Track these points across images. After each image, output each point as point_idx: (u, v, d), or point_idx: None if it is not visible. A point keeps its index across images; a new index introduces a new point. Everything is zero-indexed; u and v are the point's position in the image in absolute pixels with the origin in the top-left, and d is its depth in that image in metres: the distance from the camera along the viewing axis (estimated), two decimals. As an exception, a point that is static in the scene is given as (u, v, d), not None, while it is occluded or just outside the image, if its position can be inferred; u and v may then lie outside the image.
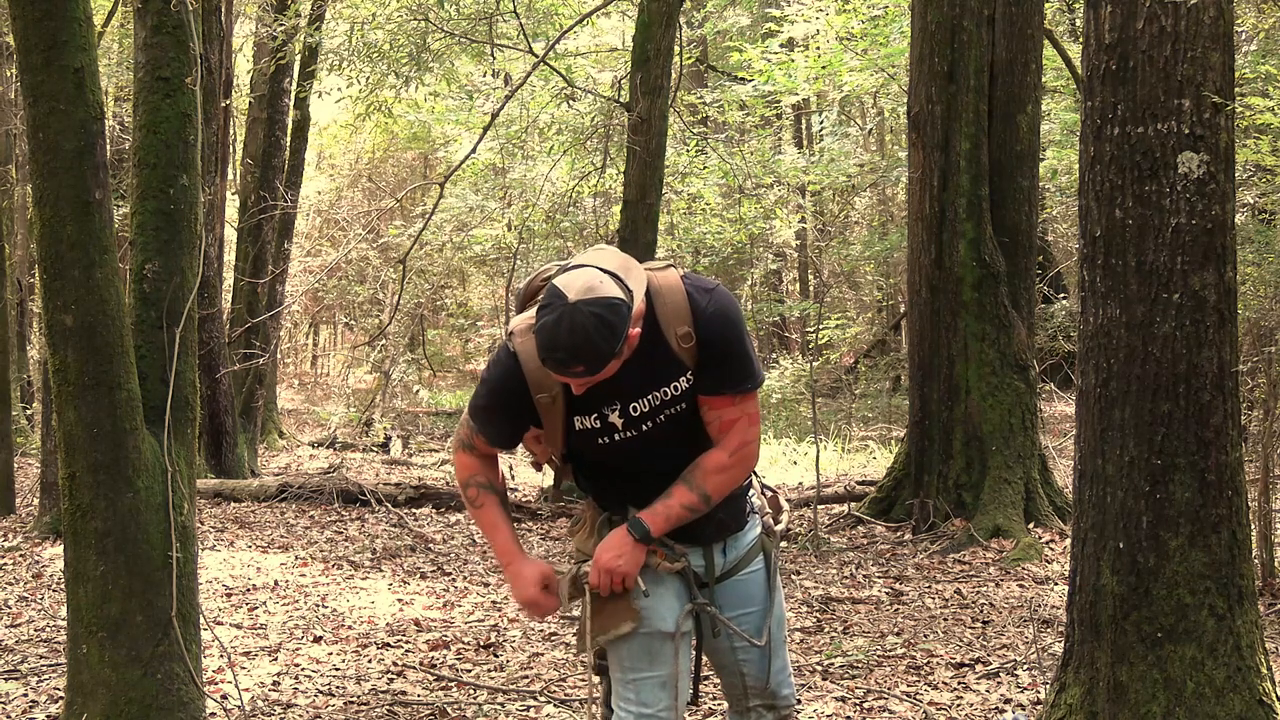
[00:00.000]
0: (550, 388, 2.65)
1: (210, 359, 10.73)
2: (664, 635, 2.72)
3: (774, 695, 2.86)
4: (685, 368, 2.65)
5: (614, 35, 17.23)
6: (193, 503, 4.07)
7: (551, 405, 2.67)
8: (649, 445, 2.70)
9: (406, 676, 5.29)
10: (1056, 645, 5.15)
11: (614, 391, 2.64)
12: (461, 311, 23.60)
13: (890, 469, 9.27)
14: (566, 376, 2.53)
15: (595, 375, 2.52)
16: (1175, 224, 3.63)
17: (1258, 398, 6.92)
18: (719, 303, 2.65)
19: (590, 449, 2.73)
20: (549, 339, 2.47)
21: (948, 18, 8.48)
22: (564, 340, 2.45)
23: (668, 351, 2.63)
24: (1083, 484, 3.82)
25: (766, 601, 2.83)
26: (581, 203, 14.88)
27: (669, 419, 2.69)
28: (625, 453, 2.72)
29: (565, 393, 2.65)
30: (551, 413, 2.68)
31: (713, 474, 2.69)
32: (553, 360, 2.49)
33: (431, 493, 10.30)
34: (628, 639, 2.71)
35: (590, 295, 2.47)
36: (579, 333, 2.44)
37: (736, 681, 2.86)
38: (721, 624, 2.77)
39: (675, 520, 2.69)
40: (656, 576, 2.74)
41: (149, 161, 4.06)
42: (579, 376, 2.52)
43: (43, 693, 4.98)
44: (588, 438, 2.71)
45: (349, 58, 11.35)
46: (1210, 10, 3.66)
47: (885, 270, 19.93)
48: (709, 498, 2.69)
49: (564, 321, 2.45)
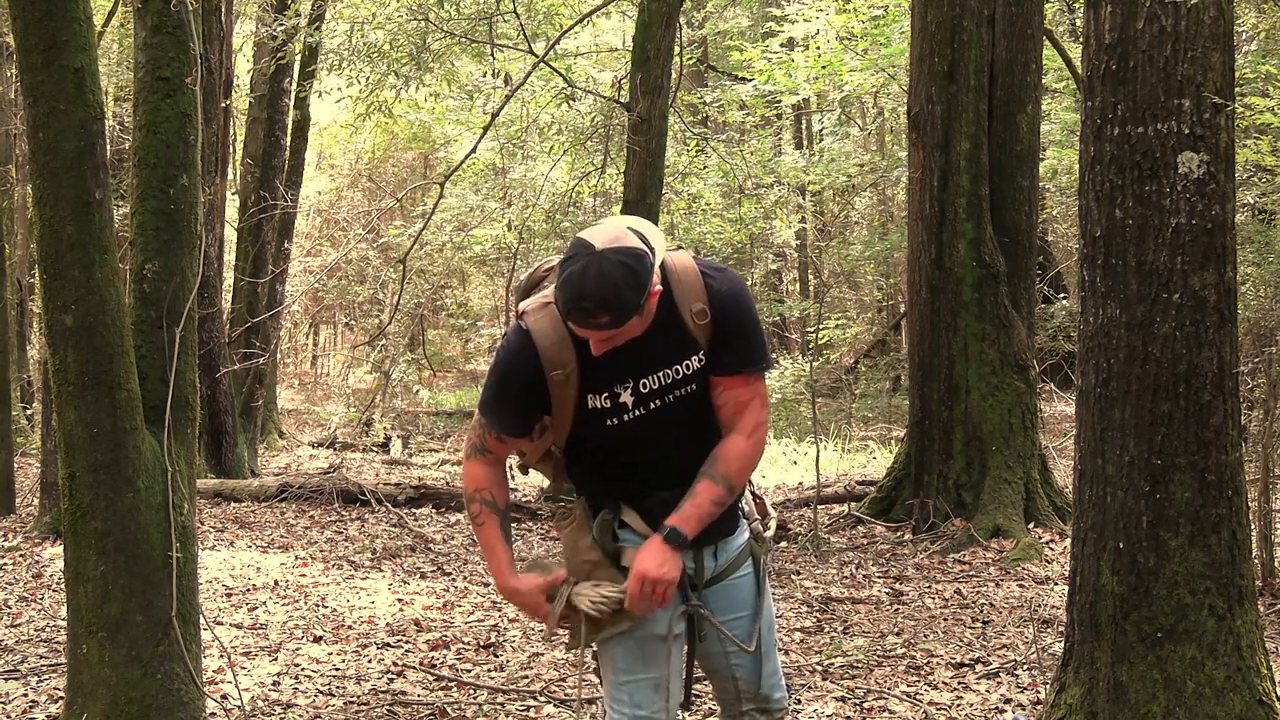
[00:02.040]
0: (565, 363, 2.62)
1: (210, 359, 10.72)
2: (657, 637, 2.72)
3: (766, 699, 2.86)
4: (698, 346, 2.66)
5: (614, 35, 17.23)
6: (193, 503, 4.07)
7: (565, 383, 2.64)
8: (655, 428, 2.69)
9: (406, 676, 5.29)
10: (1056, 645, 5.15)
11: (628, 365, 2.63)
12: (461, 311, 23.60)
13: (890, 469, 9.27)
14: (590, 329, 2.51)
15: (618, 328, 2.51)
16: (1175, 224, 3.63)
17: (1258, 398, 6.92)
18: (731, 282, 2.68)
19: (597, 432, 2.71)
20: (576, 288, 2.46)
21: (948, 18, 8.48)
22: (591, 288, 2.45)
23: (682, 328, 2.65)
24: (1083, 484, 3.81)
25: (755, 606, 2.82)
26: (581, 203, 14.87)
27: (678, 400, 2.69)
28: (630, 436, 2.70)
29: (580, 369, 2.63)
30: (564, 391, 2.65)
31: (734, 460, 2.69)
32: (579, 310, 2.47)
33: (431, 493, 10.30)
34: (621, 641, 2.70)
35: (617, 244, 2.49)
36: (606, 281, 2.45)
37: (729, 686, 2.86)
38: (712, 627, 2.76)
39: (706, 519, 2.67)
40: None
41: (149, 161, 4.06)
42: (603, 328, 2.50)
43: (43, 693, 4.98)
44: (597, 419, 2.69)
45: (349, 58, 11.35)
46: (1210, 10, 3.66)
47: (885, 270, 19.92)
48: (733, 487, 2.69)
49: (591, 269, 2.45)
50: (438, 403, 20.53)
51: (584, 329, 2.52)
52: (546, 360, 2.63)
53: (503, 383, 2.71)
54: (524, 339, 2.65)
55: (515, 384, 2.68)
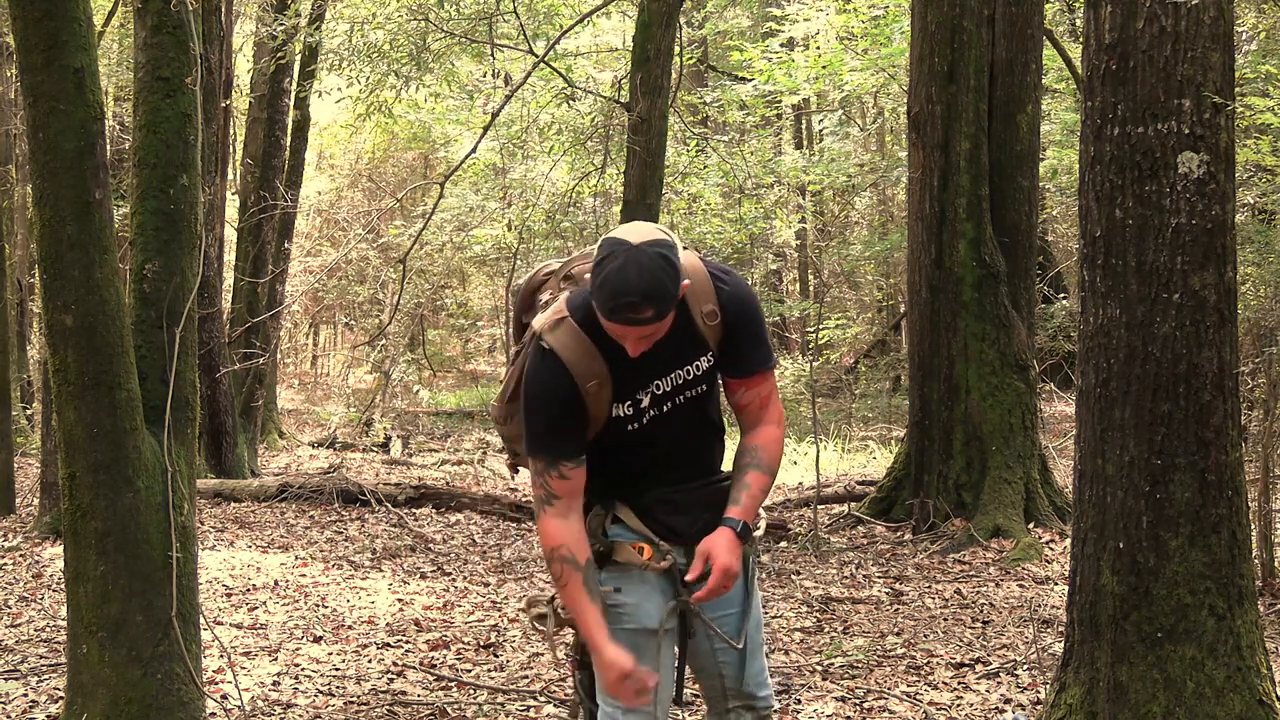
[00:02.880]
0: (597, 373, 2.62)
1: (210, 359, 10.72)
2: (649, 632, 2.73)
3: (752, 697, 2.88)
4: (707, 348, 2.70)
5: (614, 35, 17.23)
6: (193, 503, 4.07)
7: (599, 392, 2.63)
8: (665, 428, 2.72)
9: (406, 676, 5.29)
10: (1056, 645, 5.15)
11: (648, 369, 2.65)
12: (461, 311, 23.60)
13: (890, 469, 9.27)
14: (633, 326, 2.50)
15: (660, 322, 2.51)
16: (1175, 224, 3.63)
17: (1258, 398, 6.92)
18: (738, 283, 2.73)
19: (614, 436, 2.71)
20: (619, 283, 2.46)
21: (948, 18, 8.48)
22: (635, 282, 2.45)
23: (693, 329, 2.68)
24: (1083, 484, 3.82)
25: (744, 604, 2.84)
26: (581, 203, 14.86)
27: (688, 401, 2.72)
28: (642, 437, 2.72)
29: (611, 376, 2.64)
30: (599, 401, 2.64)
31: (775, 449, 2.78)
32: (625, 306, 2.46)
33: (431, 493, 10.30)
34: (615, 636, 2.70)
35: (650, 238, 2.51)
36: (648, 274, 2.46)
37: (716, 684, 2.87)
38: (702, 623, 2.77)
39: (759, 508, 2.78)
40: (643, 575, 2.73)
41: (149, 161, 4.06)
42: (647, 323, 2.50)
43: (43, 693, 4.98)
44: (619, 425, 2.70)
45: (349, 58, 11.35)
46: (1210, 10, 3.66)
47: (885, 270, 19.91)
48: (775, 474, 2.80)
49: (631, 265, 2.46)
50: (438, 403, 20.53)
51: (627, 327, 2.51)
52: (578, 374, 2.61)
53: (543, 411, 2.64)
54: (549, 359, 2.62)
55: (555, 407, 2.63)
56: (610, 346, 2.60)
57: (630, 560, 2.73)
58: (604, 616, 2.66)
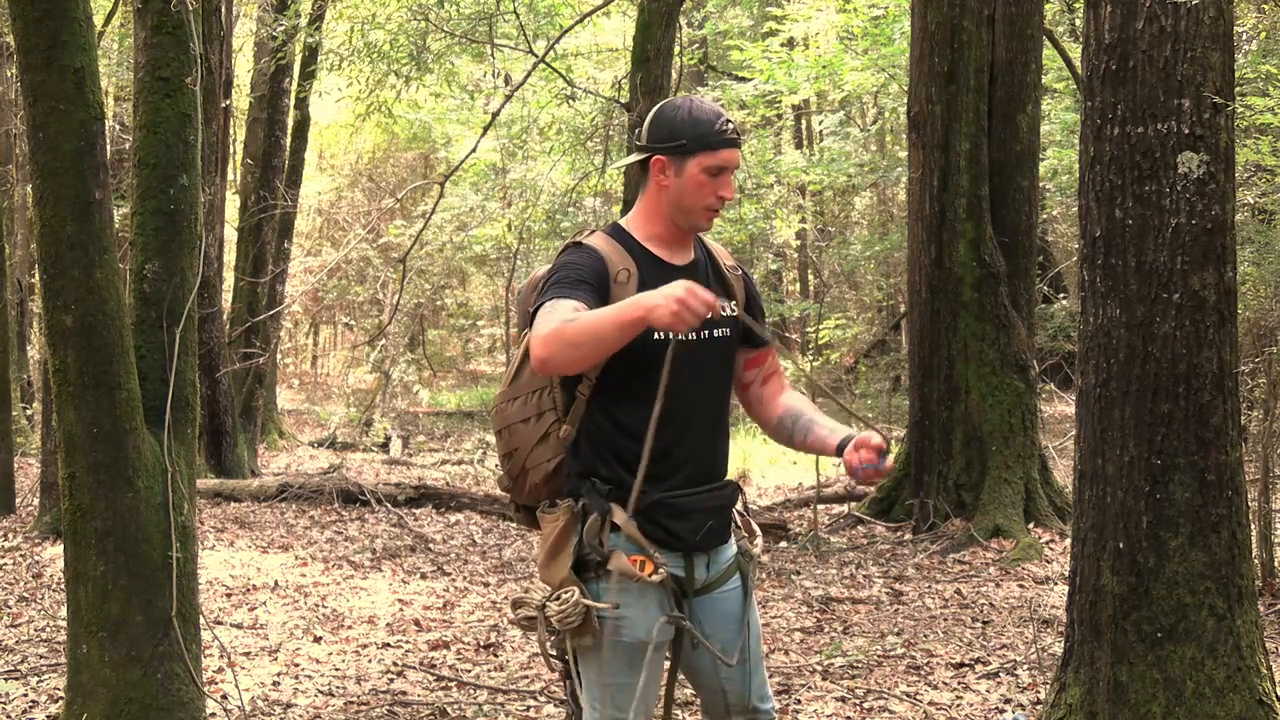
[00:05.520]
0: (626, 266, 2.68)
1: (210, 359, 10.72)
2: (642, 645, 2.70)
3: (755, 711, 2.87)
4: (734, 295, 2.80)
5: (614, 35, 17.23)
6: (193, 503, 4.07)
7: (626, 285, 2.65)
8: (693, 368, 2.66)
9: (406, 676, 5.29)
10: (1056, 645, 5.15)
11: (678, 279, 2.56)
12: (461, 311, 23.60)
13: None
14: (728, 148, 2.64)
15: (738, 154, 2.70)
16: (1175, 224, 3.63)
17: (1258, 398, 6.92)
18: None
19: (640, 352, 2.57)
20: (701, 108, 2.66)
21: (948, 18, 8.48)
22: (708, 105, 2.66)
23: (721, 273, 2.80)
24: (1083, 484, 3.82)
25: (742, 620, 2.82)
26: (581, 203, 14.87)
27: (714, 341, 2.73)
28: (670, 373, 2.55)
29: (640, 277, 2.66)
30: (624, 295, 2.58)
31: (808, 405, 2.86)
32: (724, 121, 2.65)
33: (431, 493, 10.30)
34: (611, 645, 2.68)
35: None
36: (707, 101, 2.70)
37: (718, 700, 2.86)
38: (697, 640, 2.74)
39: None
40: (638, 587, 2.67)
41: (149, 161, 4.06)
42: (736, 145, 2.66)
43: (43, 693, 4.98)
44: (647, 332, 2.53)
45: (349, 58, 11.35)
46: (1210, 10, 3.66)
47: (885, 270, 19.91)
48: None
49: (689, 99, 2.69)
50: (438, 403, 20.53)
51: (730, 151, 2.65)
52: (610, 261, 2.68)
53: (571, 268, 2.64)
54: (584, 249, 2.71)
55: (584, 272, 2.64)
56: (642, 255, 2.70)
57: (629, 573, 2.68)
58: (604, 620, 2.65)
